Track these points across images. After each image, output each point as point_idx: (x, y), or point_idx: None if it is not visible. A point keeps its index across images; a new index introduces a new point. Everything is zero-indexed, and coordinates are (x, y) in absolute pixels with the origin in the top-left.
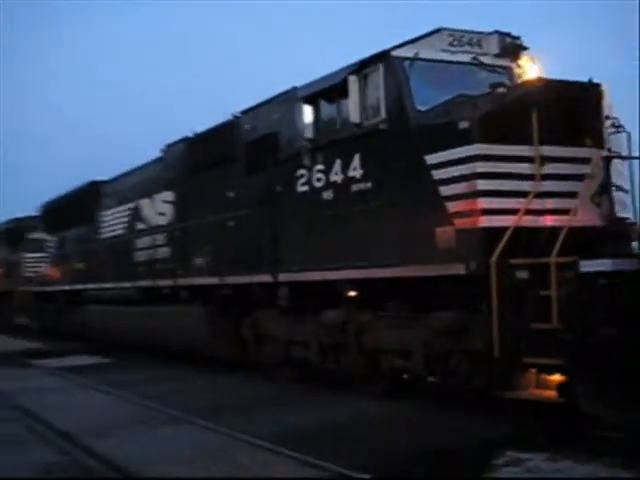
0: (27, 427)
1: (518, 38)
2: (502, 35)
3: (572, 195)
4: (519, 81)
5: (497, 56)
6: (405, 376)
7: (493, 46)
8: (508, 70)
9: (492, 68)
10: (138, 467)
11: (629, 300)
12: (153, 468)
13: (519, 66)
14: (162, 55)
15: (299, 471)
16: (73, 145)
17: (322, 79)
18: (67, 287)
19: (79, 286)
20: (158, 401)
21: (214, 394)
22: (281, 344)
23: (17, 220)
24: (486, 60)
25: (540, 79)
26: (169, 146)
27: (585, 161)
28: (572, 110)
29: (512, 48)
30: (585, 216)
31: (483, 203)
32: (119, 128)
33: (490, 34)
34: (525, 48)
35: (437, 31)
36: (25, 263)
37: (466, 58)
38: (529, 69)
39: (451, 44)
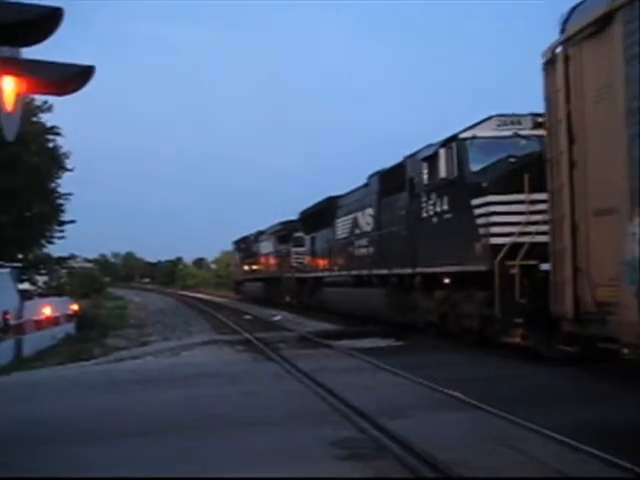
0: (325, 403)
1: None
2: (534, 115)
3: (545, 222)
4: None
5: (532, 129)
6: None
7: (528, 123)
8: (540, 137)
9: (528, 138)
10: (430, 449)
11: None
12: (443, 452)
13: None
14: None
15: (604, 470)
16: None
17: (428, 147)
18: (314, 274)
19: (321, 274)
20: (448, 386)
21: (507, 383)
22: (421, 312)
23: (285, 223)
24: (523, 132)
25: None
26: (370, 176)
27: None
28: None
29: (540, 124)
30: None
31: (493, 230)
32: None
33: (526, 115)
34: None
35: (489, 118)
36: (291, 256)
37: (509, 133)
38: None
39: (498, 125)
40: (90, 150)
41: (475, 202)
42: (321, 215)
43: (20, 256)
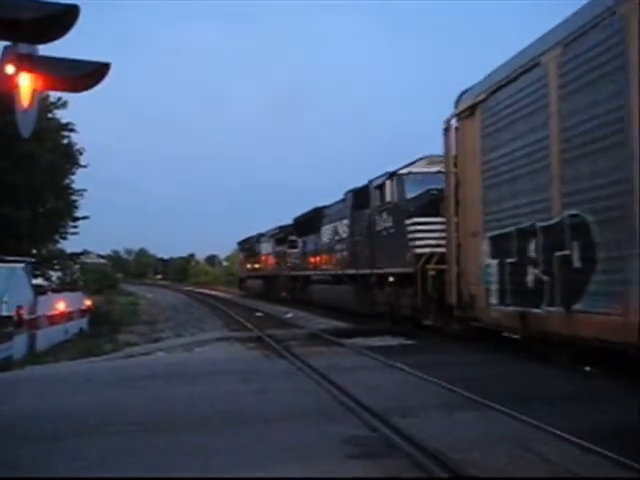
0: (337, 401)
1: None
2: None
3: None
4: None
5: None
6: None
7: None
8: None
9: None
10: (442, 448)
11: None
12: (454, 452)
13: None
14: None
15: (616, 471)
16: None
17: (378, 177)
18: (304, 273)
19: (309, 272)
20: (459, 385)
21: (519, 383)
22: (378, 304)
23: (282, 227)
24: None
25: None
26: (347, 192)
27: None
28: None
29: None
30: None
31: (417, 243)
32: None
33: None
34: None
35: (422, 158)
36: (287, 256)
37: (434, 170)
38: None
39: (427, 164)
40: (104, 147)
41: (407, 222)
42: (310, 222)
43: (34, 251)
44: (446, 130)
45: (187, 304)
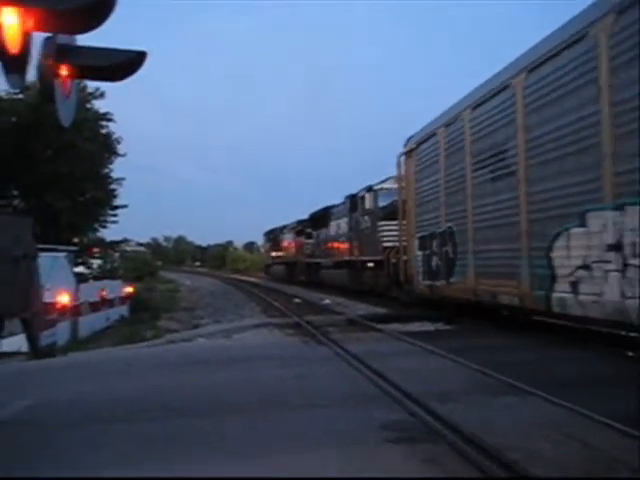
0: (376, 386)
1: None
2: None
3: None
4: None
5: None
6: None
7: None
8: None
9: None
10: (481, 433)
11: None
12: (493, 436)
13: None
14: None
15: None
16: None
17: (361, 190)
18: (316, 260)
19: (319, 260)
20: (498, 370)
21: (557, 367)
22: (364, 283)
23: (300, 221)
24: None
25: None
26: (346, 197)
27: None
28: None
29: None
30: None
31: (385, 239)
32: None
33: None
34: None
35: (389, 178)
36: (304, 246)
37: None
38: None
39: (394, 182)
40: (143, 136)
41: (379, 223)
42: (322, 218)
43: (75, 240)
44: (398, 162)
45: (225, 291)
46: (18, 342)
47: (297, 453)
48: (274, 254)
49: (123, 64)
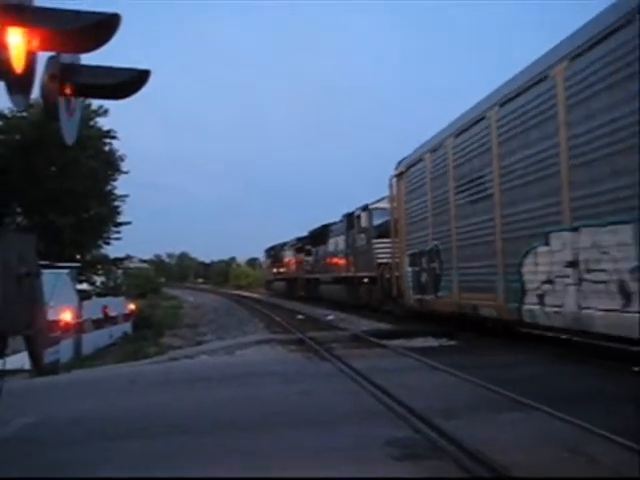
0: (380, 403)
1: None
2: None
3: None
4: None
5: None
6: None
7: None
8: None
9: None
10: (486, 450)
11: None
12: (499, 454)
13: None
14: None
15: None
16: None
17: (357, 209)
18: (315, 275)
19: (318, 275)
20: (502, 386)
21: (562, 383)
22: (360, 297)
23: (300, 238)
24: None
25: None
26: (343, 215)
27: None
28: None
29: None
30: None
31: (378, 256)
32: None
33: None
34: None
35: (383, 198)
36: (304, 262)
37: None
38: None
39: (388, 202)
40: (145, 152)
41: (373, 241)
42: (320, 236)
43: (78, 257)
44: (390, 183)
45: (228, 307)
46: (21, 360)
47: (299, 469)
48: (275, 270)
49: (127, 82)
